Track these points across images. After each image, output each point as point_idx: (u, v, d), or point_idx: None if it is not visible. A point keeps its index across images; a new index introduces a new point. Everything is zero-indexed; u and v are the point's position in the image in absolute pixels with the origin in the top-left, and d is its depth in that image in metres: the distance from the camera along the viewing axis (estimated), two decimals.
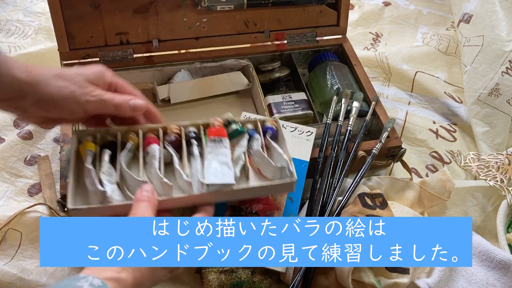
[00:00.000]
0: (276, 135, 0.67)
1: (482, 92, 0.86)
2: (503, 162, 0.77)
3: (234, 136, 0.64)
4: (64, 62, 0.80)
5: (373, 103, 0.79)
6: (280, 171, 0.61)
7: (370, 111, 0.77)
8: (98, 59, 0.81)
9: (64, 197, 0.65)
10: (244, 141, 0.63)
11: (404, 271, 0.59)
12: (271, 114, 0.78)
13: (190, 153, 0.62)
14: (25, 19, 1.01)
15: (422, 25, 1.09)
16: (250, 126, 0.66)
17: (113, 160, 0.60)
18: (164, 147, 0.61)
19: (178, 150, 0.62)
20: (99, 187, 0.55)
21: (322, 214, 0.66)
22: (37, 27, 0.99)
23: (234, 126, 0.63)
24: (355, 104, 0.77)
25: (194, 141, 0.62)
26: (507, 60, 0.84)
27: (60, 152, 0.70)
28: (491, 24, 0.88)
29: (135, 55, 0.83)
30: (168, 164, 0.62)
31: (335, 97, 0.78)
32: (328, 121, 0.75)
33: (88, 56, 0.81)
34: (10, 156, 0.76)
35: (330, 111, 0.76)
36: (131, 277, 0.46)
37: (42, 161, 0.76)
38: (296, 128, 0.72)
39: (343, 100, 0.77)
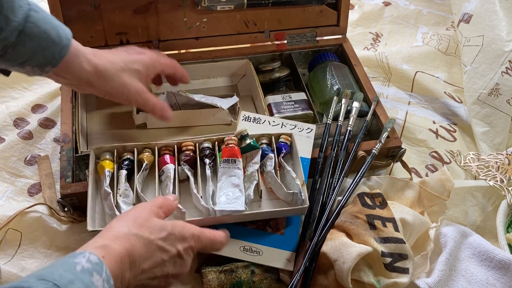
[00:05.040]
0: (290, 152, 0.68)
1: (482, 92, 0.85)
2: (503, 162, 0.77)
3: (247, 151, 0.66)
4: None
5: (373, 103, 0.79)
6: (292, 195, 0.63)
7: (371, 111, 0.77)
8: None
9: (64, 196, 0.65)
10: (257, 157, 0.65)
11: (403, 270, 0.59)
12: (271, 114, 0.78)
13: (204, 173, 0.64)
14: None
15: (422, 25, 1.09)
16: (264, 140, 0.67)
17: (130, 177, 0.64)
18: (180, 165, 0.64)
19: (193, 166, 0.65)
20: (117, 212, 0.58)
21: (321, 213, 0.66)
22: None
23: (247, 141, 0.65)
24: (355, 104, 0.77)
25: (207, 160, 0.64)
26: (507, 60, 0.84)
27: (60, 152, 0.70)
28: (491, 24, 0.88)
29: None
30: (183, 181, 0.65)
31: (335, 97, 0.78)
32: (328, 121, 0.75)
33: None
34: (10, 156, 0.76)
35: (331, 111, 0.76)
36: (119, 246, 0.47)
37: (42, 161, 0.76)
38: (295, 126, 0.72)
39: (343, 100, 0.77)
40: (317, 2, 0.86)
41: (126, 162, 0.64)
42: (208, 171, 0.63)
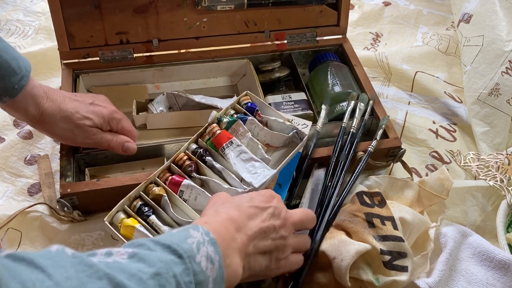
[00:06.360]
0: (259, 108, 0.70)
1: (482, 92, 0.85)
2: (503, 162, 0.77)
3: (228, 128, 0.67)
4: (64, 61, 0.80)
5: (370, 102, 0.78)
6: (291, 135, 0.68)
7: (368, 110, 0.77)
8: (98, 58, 0.81)
9: (63, 196, 0.65)
10: (242, 127, 0.66)
11: (402, 268, 0.59)
12: None
13: (211, 168, 0.64)
14: (25, 19, 1.01)
15: (422, 25, 1.09)
16: (232, 112, 0.69)
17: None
18: (191, 177, 0.64)
19: (200, 172, 0.65)
20: None
21: (321, 213, 0.66)
22: (37, 26, 1.00)
23: (225, 120, 0.67)
24: (360, 105, 0.76)
25: (207, 158, 0.65)
26: (507, 60, 0.84)
27: (60, 152, 0.70)
28: (491, 24, 0.88)
29: (135, 55, 0.83)
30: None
31: (323, 106, 0.77)
32: (318, 126, 0.74)
33: (88, 56, 0.81)
34: (10, 156, 0.76)
35: (322, 117, 0.75)
36: (216, 218, 0.50)
37: (42, 160, 0.76)
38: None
39: (352, 102, 0.77)
40: (317, 2, 0.86)
41: (145, 209, 0.60)
42: (217, 165, 0.64)
